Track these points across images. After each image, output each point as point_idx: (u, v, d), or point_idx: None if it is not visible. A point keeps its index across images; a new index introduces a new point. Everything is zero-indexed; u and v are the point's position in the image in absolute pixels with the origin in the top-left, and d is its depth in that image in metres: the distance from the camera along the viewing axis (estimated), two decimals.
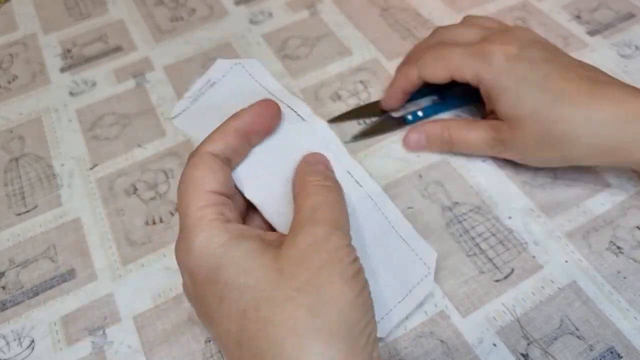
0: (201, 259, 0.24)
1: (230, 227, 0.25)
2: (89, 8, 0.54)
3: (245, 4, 0.53)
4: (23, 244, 0.37)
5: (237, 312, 0.23)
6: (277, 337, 0.22)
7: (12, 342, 0.33)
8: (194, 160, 0.27)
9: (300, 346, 0.21)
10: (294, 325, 0.22)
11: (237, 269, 0.24)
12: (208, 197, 0.26)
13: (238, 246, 0.24)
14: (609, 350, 0.30)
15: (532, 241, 0.34)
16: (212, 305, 0.24)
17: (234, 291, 0.23)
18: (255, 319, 0.23)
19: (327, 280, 0.23)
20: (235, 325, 0.23)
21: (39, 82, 0.48)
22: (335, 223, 0.25)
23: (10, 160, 0.42)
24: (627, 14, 0.48)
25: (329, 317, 0.22)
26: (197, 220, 0.25)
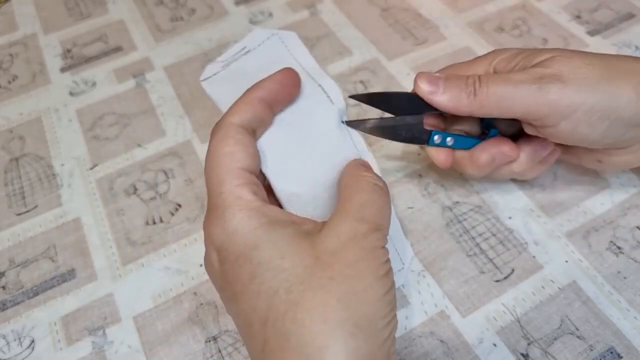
0: (237, 237, 0.24)
1: (267, 210, 0.25)
2: (89, 8, 0.54)
3: (245, 4, 0.53)
4: (23, 244, 0.37)
5: (268, 291, 0.23)
6: (304, 321, 0.22)
7: (12, 342, 0.33)
8: (223, 134, 0.26)
9: (326, 333, 0.22)
10: (323, 313, 0.22)
11: (274, 251, 0.24)
12: (242, 175, 0.25)
13: (276, 230, 0.24)
14: (609, 350, 0.30)
15: (532, 241, 0.34)
16: (241, 283, 0.24)
17: (267, 272, 0.23)
18: (285, 300, 0.23)
19: (360, 274, 0.23)
20: (264, 303, 0.23)
21: (39, 82, 0.48)
22: (378, 224, 0.25)
23: (11, 160, 0.42)
24: (627, 14, 0.48)
25: (357, 309, 0.22)
26: (234, 199, 0.25)
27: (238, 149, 0.26)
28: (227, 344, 0.32)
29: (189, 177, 0.40)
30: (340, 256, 0.23)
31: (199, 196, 0.38)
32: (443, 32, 0.48)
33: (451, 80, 0.29)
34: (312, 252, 0.24)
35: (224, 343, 0.32)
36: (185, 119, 0.43)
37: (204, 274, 0.35)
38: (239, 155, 0.25)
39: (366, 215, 0.25)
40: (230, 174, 0.25)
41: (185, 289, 0.34)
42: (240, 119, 0.26)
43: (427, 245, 0.35)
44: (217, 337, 0.32)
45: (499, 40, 0.47)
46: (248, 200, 0.25)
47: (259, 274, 0.24)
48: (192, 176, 0.40)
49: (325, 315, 0.22)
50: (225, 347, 0.31)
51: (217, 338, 0.32)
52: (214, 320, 0.33)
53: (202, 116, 0.43)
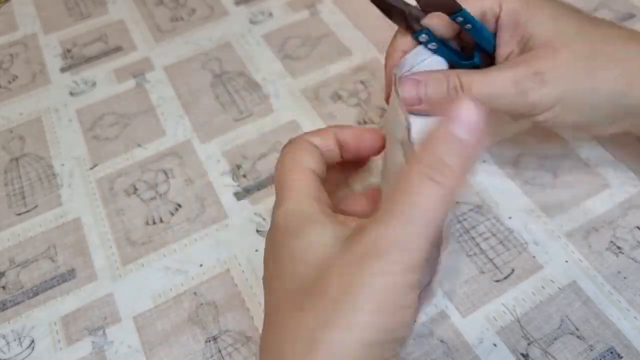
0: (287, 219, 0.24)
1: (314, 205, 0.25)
2: (89, 8, 0.54)
3: (245, 4, 0.53)
4: (23, 244, 0.37)
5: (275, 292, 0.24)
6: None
7: (12, 342, 0.33)
8: (295, 144, 0.27)
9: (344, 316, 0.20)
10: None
11: (300, 250, 0.23)
12: (306, 172, 0.26)
13: (314, 229, 0.23)
14: (609, 350, 0.30)
15: (532, 241, 0.34)
16: (269, 269, 0.25)
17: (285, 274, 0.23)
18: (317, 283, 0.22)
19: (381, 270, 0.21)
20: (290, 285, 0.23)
21: (39, 82, 0.48)
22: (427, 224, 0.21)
23: (11, 160, 0.42)
24: (627, 14, 0.48)
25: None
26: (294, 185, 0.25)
27: (305, 154, 0.27)
28: (227, 344, 0.32)
29: (189, 177, 0.40)
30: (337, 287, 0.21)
31: (199, 196, 0.38)
32: None
33: (431, 88, 0.29)
34: (317, 272, 0.22)
35: (224, 343, 0.32)
36: (185, 119, 0.43)
37: (204, 274, 0.35)
38: (306, 158, 0.27)
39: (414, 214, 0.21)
40: (295, 170, 0.26)
41: (185, 289, 0.34)
42: (310, 138, 0.28)
43: None
44: (217, 337, 0.32)
45: None
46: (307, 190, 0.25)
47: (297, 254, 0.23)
48: (192, 176, 0.40)
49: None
50: (225, 347, 0.31)
51: (217, 338, 0.32)
52: (214, 320, 0.33)
53: (202, 116, 0.44)
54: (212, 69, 0.47)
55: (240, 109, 0.44)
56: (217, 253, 0.35)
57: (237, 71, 0.47)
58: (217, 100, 0.44)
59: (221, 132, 0.42)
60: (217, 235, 0.36)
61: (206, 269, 0.35)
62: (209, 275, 0.34)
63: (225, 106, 0.44)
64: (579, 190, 0.37)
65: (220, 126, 0.43)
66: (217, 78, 0.46)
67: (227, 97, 0.45)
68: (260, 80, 0.46)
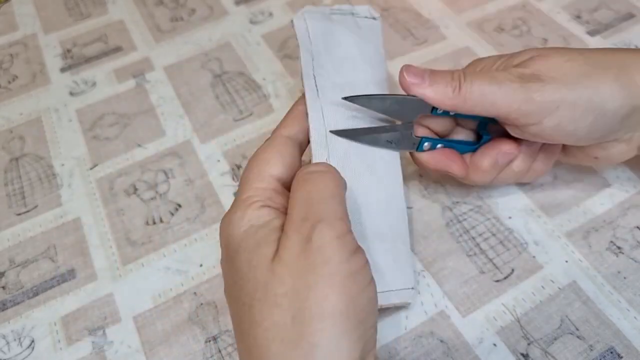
0: (230, 236, 0.25)
1: (261, 213, 0.25)
2: (89, 8, 0.54)
3: (245, 4, 0.53)
4: (23, 244, 0.37)
5: (240, 302, 0.24)
6: (263, 341, 0.22)
7: (12, 342, 0.33)
8: (269, 142, 0.28)
9: (283, 354, 0.21)
10: (279, 333, 0.22)
11: (246, 258, 0.24)
12: (267, 180, 0.26)
13: (254, 235, 0.24)
14: (609, 350, 0.30)
15: (532, 241, 0.34)
16: (228, 283, 0.25)
17: (241, 280, 0.24)
18: (248, 318, 0.23)
19: (310, 285, 0.22)
20: (238, 313, 0.24)
21: (39, 82, 0.48)
22: (319, 216, 0.23)
23: (11, 160, 0.42)
24: (627, 14, 0.48)
25: (312, 325, 0.21)
26: (245, 198, 0.26)
27: (274, 157, 0.27)
28: (227, 344, 0.32)
29: (189, 177, 0.40)
30: (291, 268, 0.22)
31: (199, 196, 0.38)
32: (443, 32, 0.48)
33: (436, 74, 0.29)
34: (270, 265, 0.23)
35: (224, 343, 0.32)
36: (185, 119, 0.43)
37: (203, 274, 0.35)
38: (272, 160, 0.27)
39: (302, 212, 0.24)
40: (256, 176, 0.26)
41: (185, 289, 0.34)
42: (288, 132, 0.28)
43: (427, 245, 0.35)
44: (217, 337, 0.32)
45: (499, 40, 0.47)
46: (253, 201, 0.25)
47: (236, 280, 0.24)
48: (192, 176, 0.40)
49: (281, 335, 0.21)
50: (225, 347, 0.31)
51: (217, 338, 0.32)
52: (214, 320, 0.33)
53: (202, 116, 0.43)
54: (212, 69, 0.47)
55: (240, 109, 0.44)
56: (217, 253, 0.35)
57: (237, 71, 0.47)
58: (217, 100, 0.44)
59: (221, 132, 0.42)
60: (217, 235, 0.36)
61: (206, 269, 0.35)
62: (209, 275, 0.34)
63: (225, 106, 0.44)
64: (579, 190, 0.37)
65: (220, 126, 0.43)
66: (217, 78, 0.46)
67: (227, 97, 0.45)
68: (260, 80, 0.46)
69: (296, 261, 0.22)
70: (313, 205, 0.24)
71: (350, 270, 0.22)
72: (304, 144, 0.29)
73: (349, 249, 0.23)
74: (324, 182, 0.25)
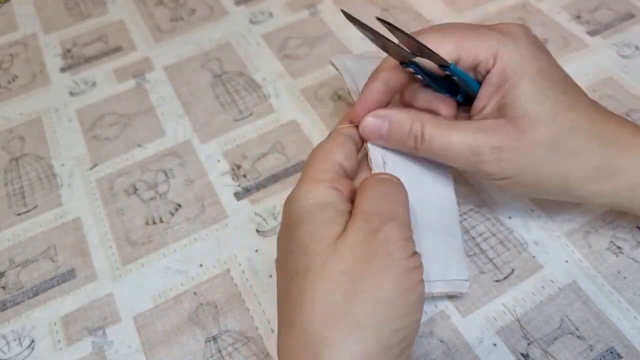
0: (296, 208, 0.26)
1: (328, 192, 0.26)
2: (89, 8, 0.54)
3: (245, 4, 0.53)
4: (23, 244, 0.37)
5: (293, 271, 0.24)
6: (310, 310, 0.23)
7: (12, 342, 0.33)
8: (331, 135, 0.30)
9: (327, 325, 0.22)
10: (327, 305, 0.23)
11: (309, 230, 0.25)
12: (330, 163, 0.28)
13: (320, 211, 0.25)
14: (609, 350, 0.30)
15: (532, 241, 0.34)
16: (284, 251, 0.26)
17: (300, 250, 0.25)
18: (298, 287, 0.24)
19: (369, 270, 0.23)
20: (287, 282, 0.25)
21: (39, 82, 0.48)
22: (390, 214, 0.25)
23: (11, 160, 0.42)
24: (627, 14, 0.48)
25: (362, 307, 0.23)
26: (311, 175, 0.27)
27: (336, 147, 0.29)
28: (227, 344, 0.32)
29: (189, 177, 0.40)
30: (355, 250, 0.24)
31: (199, 196, 0.38)
32: None
33: (394, 130, 0.30)
34: (335, 242, 0.24)
35: (224, 343, 0.32)
36: (185, 119, 0.43)
37: (203, 274, 0.35)
38: (335, 150, 0.29)
39: (375, 207, 0.25)
40: (321, 159, 0.28)
41: (185, 289, 0.34)
42: (349, 131, 0.31)
43: None
44: (217, 337, 0.32)
45: None
46: (320, 180, 0.27)
47: (294, 249, 0.25)
48: (192, 176, 0.40)
49: (328, 307, 0.23)
50: (225, 347, 0.31)
51: (217, 338, 0.32)
52: (214, 320, 0.33)
53: (202, 116, 0.44)
54: (212, 69, 0.47)
55: (240, 109, 0.44)
56: (217, 253, 0.35)
57: (237, 71, 0.47)
58: (217, 100, 0.44)
59: (221, 132, 0.42)
60: (217, 235, 0.36)
61: (206, 269, 0.35)
62: (209, 275, 0.34)
63: (225, 106, 0.44)
64: None
65: (220, 126, 0.43)
66: (217, 78, 0.46)
67: (227, 97, 0.45)
68: (260, 80, 0.46)
69: (360, 246, 0.24)
70: (386, 204, 0.26)
71: (408, 267, 0.24)
72: (359, 143, 0.31)
73: (409, 251, 0.25)
74: (396, 189, 0.28)
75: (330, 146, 0.29)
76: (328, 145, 0.29)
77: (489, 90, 0.30)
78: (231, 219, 0.37)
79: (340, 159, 0.28)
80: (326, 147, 0.29)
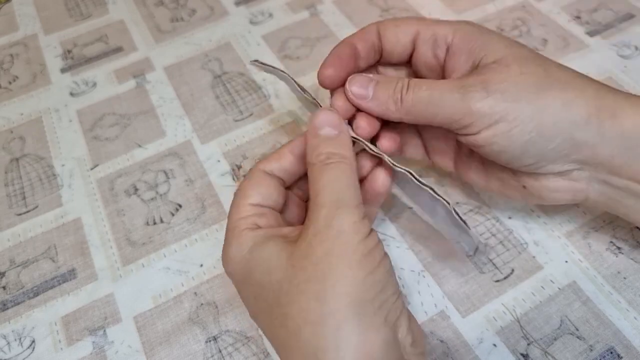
0: (235, 264, 0.26)
1: (257, 233, 0.26)
2: (90, 8, 0.54)
3: (245, 4, 0.53)
4: (24, 244, 0.37)
5: (267, 308, 0.25)
6: (295, 328, 0.23)
7: (13, 342, 0.33)
8: (247, 176, 0.29)
9: (314, 333, 0.23)
10: (307, 316, 0.23)
11: (262, 269, 0.25)
12: (247, 209, 0.27)
13: (263, 250, 0.25)
14: (609, 350, 0.30)
15: (532, 241, 0.34)
16: (251, 304, 0.27)
17: (263, 290, 0.25)
18: (278, 314, 0.24)
19: (330, 266, 0.23)
20: (267, 319, 0.25)
21: (40, 82, 0.48)
22: (337, 203, 0.25)
23: (11, 160, 0.42)
24: (627, 14, 0.48)
25: (335, 302, 0.23)
26: (231, 230, 0.27)
27: (250, 187, 0.28)
28: (227, 344, 0.32)
29: (189, 177, 0.40)
30: (310, 256, 0.24)
31: (199, 196, 0.39)
32: None
33: (380, 85, 0.29)
34: (289, 262, 0.24)
35: (224, 343, 0.32)
36: (186, 119, 0.43)
37: (204, 274, 0.35)
38: (250, 192, 0.28)
39: (320, 201, 0.25)
40: (237, 209, 0.28)
41: (186, 289, 0.34)
42: (264, 166, 0.29)
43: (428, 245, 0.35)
44: (217, 337, 0.32)
45: None
46: (241, 230, 0.27)
47: (258, 294, 0.25)
48: (192, 176, 0.40)
49: (309, 317, 0.23)
50: (226, 347, 0.31)
51: (217, 338, 0.32)
52: (214, 320, 0.33)
53: (202, 116, 0.44)
54: (212, 69, 0.47)
55: (241, 109, 0.44)
56: (217, 253, 0.36)
57: (237, 71, 0.47)
58: (217, 101, 0.45)
59: (221, 133, 0.42)
60: (218, 235, 0.36)
61: (206, 269, 0.35)
62: (210, 276, 0.35)
63: (226, 106, 0.44)
64: None
65: (221, 126, 0.43)
66: (217, 78, 0.46)
67: (227, 98, 0.45)
68: (260, 80, 0.46)
69: (315, 249, 0.24)
70: (329, 194, 0.25)
71: (367, 249, 0.24)
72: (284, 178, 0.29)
73: (365, 232, 0.24)
74: (341, 171, 0.26)
75: (244, 191, 0.28)
76: (241, 190, 0.28)
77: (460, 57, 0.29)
78: None
79: (257, 200, 0.28)
80: (239, 193, 0.28)
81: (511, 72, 0.27)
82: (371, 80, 0.29)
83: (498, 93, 0.26)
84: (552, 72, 0.28)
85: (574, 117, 0.27)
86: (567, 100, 0.27)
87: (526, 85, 0.27)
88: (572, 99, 0.27)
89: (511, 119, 0.26)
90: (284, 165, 0.29)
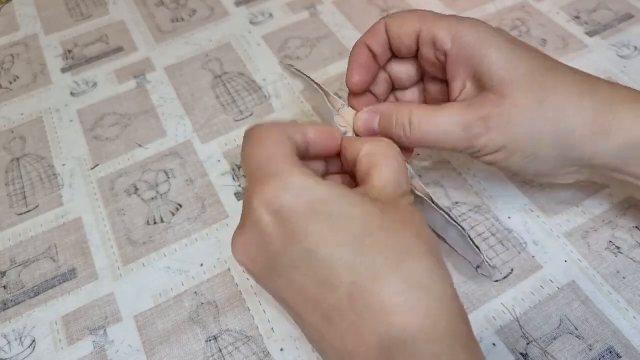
0: (301, 193, 0.23)
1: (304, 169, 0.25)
2: (90, 9, 0.54)
3: (245, 5, 0.53)
4: (24, 244, 0.37)
5: (352, 238, 0.23)
6: (393, 260, 0.23)
7: (14, 341, 0.33)
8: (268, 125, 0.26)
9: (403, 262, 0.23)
10: (401, 250, 0.23)
11: (344, 201, 0.24)
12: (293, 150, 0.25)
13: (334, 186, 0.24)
14: (608, 350, 0.30)
15: (532, 241, 0.35)
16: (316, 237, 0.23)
17: (343, 221, 0.23)
18: (369, 244, 0.23)
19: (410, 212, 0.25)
20: (349, 249, 0.23)
21: (41, 82, 0.48)
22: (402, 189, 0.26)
23: (12, 160, 0.42)
24: (626, 14, 0.48)
25: (422, 241, 0.24)
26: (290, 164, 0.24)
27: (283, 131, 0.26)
28: (228, 344, 0.32)
29: (190, 177, 0.40)
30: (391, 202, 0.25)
31: (199, 196, 0.39)
32: None
33: (383, 121, 0.31)
34: (372, 202, 0.24)
35: (225, 342, 0.32)
36: (186, 119, 0.43)
37: (204, 274, 0.35)
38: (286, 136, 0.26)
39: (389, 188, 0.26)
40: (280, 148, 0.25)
41: (186, 288, 0.34)
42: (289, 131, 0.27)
43: None
44: (218, 337, 0.32)
45: None
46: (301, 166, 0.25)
47: (333, 225, 0.23)
48: (193, 176, 0.40)
49: (402, 251, 0.23)
50: (226, 346, 0.32)
51: (218, 338, 0.32)
52: (215, 319, 0.33)
53: (203, 117, 0.44)
54: (213, 69, 0.47)
55: (241, 109, 0.44)
56: (217, 253, 0.36)
57: (238, 72, 0.47)
58: (218, 101, 0.45)
59: (222, 133, 0.42)
60: (218, 235, 0.37)
61: (207, 268, 0.35)
62: (210, 275, 0.35)
63: (226, 106, 0.44)
64: (578, 190, 0.37)
65: (221, 126, 0.43)
66: (218, 78, 0.46)
67: (227, 98, 0.45)
68: (260, 80, 0.46)
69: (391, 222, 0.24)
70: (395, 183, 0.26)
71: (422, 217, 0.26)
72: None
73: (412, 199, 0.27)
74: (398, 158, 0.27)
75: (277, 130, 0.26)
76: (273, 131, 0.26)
77: (459, 67, 0.30)
78: (232, 219, 0.37)
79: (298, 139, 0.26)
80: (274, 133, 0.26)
81: (508, 104, 0.28)
82: (376, 116, 0.31)
83: (495, 131, 0.28)
84: (548, 94, 0.28)
85: (568, 142, 0.28)
86: (560, 130, 0.28)
87: (522, 118, 0.28)
88: (564, 129, 0.28)
89: (510, 148, 0.29)
90: (298, 138, 0.27)
